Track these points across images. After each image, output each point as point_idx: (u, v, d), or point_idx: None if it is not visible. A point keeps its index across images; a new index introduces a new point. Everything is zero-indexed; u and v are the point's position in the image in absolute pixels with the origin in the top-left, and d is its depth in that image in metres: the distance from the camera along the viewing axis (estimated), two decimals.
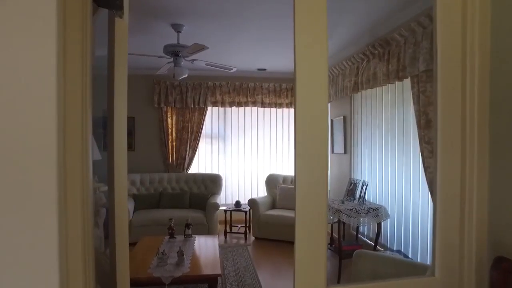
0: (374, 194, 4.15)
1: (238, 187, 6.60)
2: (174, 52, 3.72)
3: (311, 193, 1.09)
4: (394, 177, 3.77)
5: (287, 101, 6.44)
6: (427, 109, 2.93)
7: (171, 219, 3.95)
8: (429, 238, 3.15)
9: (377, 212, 3.71)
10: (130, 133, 6.20)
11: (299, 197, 1.10)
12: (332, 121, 5.45)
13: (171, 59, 3.84)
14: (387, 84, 3.74)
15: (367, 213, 3.69)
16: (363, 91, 4.43)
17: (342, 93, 4.74)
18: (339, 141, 5.16)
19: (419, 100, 3.00)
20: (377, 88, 4.11)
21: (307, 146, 1.11)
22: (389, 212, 3.76)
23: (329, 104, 5.81)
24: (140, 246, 3.71)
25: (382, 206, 3.76)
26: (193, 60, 3.91)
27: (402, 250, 3.58)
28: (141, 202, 5.54)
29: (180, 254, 3.24)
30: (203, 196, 5.71)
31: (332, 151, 5.46)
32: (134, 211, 5.41)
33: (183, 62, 3.84)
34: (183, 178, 5.99)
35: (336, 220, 3.73)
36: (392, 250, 3.75)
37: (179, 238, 3.98)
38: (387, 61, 3.54)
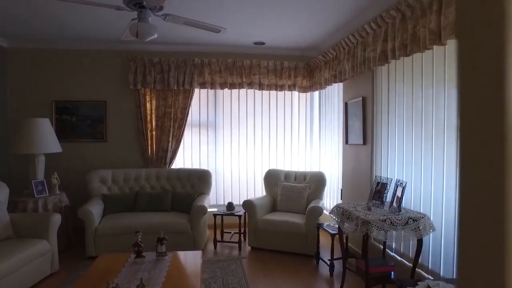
0: (407, 198, 3.14)
1: (231, 186, 5.57)
2: (138, 2, 2.66)
3: None
4: (440, 176, 2.76)
5: (289, 82, 5.40)
6: None
7: (137, 232, 2.93)
8: None
9: (418, 224, 2.70)
10: (101, 121, 5.15)
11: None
12: (346, 104, 4.42)
13: (135, 15, 2.79)
14: (433, 47, 2.71)
15: (405, 224, 2.69)
16: (393, 62, 3.40)
17: (361, 68, 3.71)
18: (356, 129, 4.14)
19: None
20: (414, 56, 3.08)
21: None
22: (432, 223, 2.76)
23: (342, 83, 4.78)
24: (93, 271, 2.69)
25: (425, 215, 2.75)
26: (165, 15, 2.85)
27: (455, 277, 2.59)
28: (113, 204, 4.52)
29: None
30: (188, 196, 4.70)
31: (346, 142, 4.44)
32: (103, 215, 4.39)
33: (151, 18, 2.79)
34: (165, 175, 4.96)
35: (360, 231, 2.72)
36: (433, 277, 2.75)
37: (150, 256, 2.97)
38: (437, 13, 2.51)
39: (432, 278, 2.83)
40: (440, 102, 2.78)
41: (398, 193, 2.84)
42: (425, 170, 2.96)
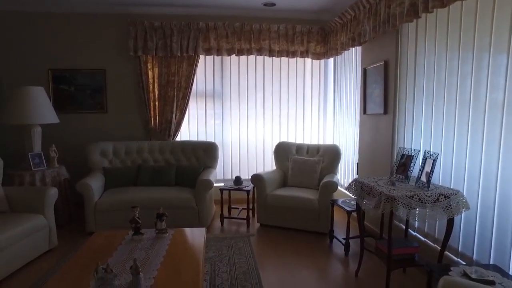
0: (435, 172, 2.79)
1: (239, 159, 5.28)
2: None
3: None
4: (478, 146, 2.39)
5: (302, 48, 4.96)
6: None
7: (134, 207, 2.67)
8: None
9: (449, 201, 2.37)
10: (101, 90, 4.85)
11: None
12: (364, 70, 4.00)
13: None
14: None
15: (434, 202, 2.36)
16: (423, 17, 2.96)
17: (385, 27, 3.27)
18: (376, 97, 3.74)
19: None
20: (450, 8, 2.64)
21: None
22: (466, 200, 2.42)
23: (360, 48, 4.34)
24: (85, 250, 2.46)
25: (458, 191, 2.41)
26: None
27: (491, 262, 2.28)
28: (114, 178, 4.29)
29: (135, 270, 1.98)
30: (193, 170, 4.43)
31: (364, 112, 4.06)
32: (104, 190, 4.17)
33: None
34: (169, 148, 4.69)
35: (383, 209, 2.40)
36: (463, 261, 2.43)
37: (149, 234, 2.73)
38: None
39: (463, 262, 2.53)
40: (483, 61, 2.37)
41: (427, 167, 2.49)
42: (459, 141, 2.59)
